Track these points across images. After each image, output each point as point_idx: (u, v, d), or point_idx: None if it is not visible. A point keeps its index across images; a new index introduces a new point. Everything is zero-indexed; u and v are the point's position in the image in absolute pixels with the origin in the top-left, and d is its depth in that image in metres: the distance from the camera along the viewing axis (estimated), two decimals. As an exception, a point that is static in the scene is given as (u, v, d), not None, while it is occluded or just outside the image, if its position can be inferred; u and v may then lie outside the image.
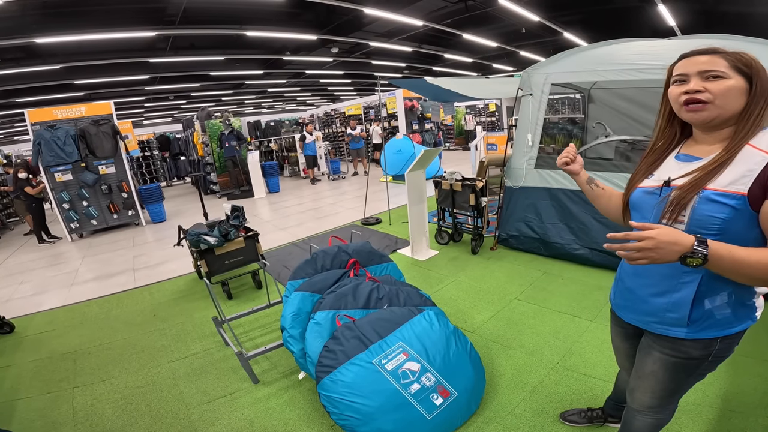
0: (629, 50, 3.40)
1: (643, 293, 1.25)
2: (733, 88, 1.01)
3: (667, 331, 1.20)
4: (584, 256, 3.76)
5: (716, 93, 1.02)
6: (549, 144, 4.97)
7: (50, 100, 12.67)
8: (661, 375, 1.28)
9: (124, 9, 7.40)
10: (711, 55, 1.04)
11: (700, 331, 1.15)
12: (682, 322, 1.15)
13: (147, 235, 7.09)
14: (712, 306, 1.12)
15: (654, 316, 1.23)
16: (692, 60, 1.07)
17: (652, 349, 1.28)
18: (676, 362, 1.23)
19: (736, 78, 1.01)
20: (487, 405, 2.17)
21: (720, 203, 1.01)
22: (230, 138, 9.79)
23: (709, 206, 1.02)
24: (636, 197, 1.24)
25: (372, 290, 2.42)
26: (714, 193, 1.02)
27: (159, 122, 24.60)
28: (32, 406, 2.55)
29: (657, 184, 1.17)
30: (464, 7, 9.34)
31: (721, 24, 9.50)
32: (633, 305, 1.31)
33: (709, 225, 1.03)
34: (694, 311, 1.13)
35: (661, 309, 1.20)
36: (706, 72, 1.03)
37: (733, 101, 1.02)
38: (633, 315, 1.32)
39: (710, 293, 1.11)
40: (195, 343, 3.11)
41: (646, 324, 1.27)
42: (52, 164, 6.81)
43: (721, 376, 2.21)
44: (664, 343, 1.23)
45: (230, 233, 3.75)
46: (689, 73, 1.06)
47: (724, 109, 1.03)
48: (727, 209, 1.00)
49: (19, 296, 4.63)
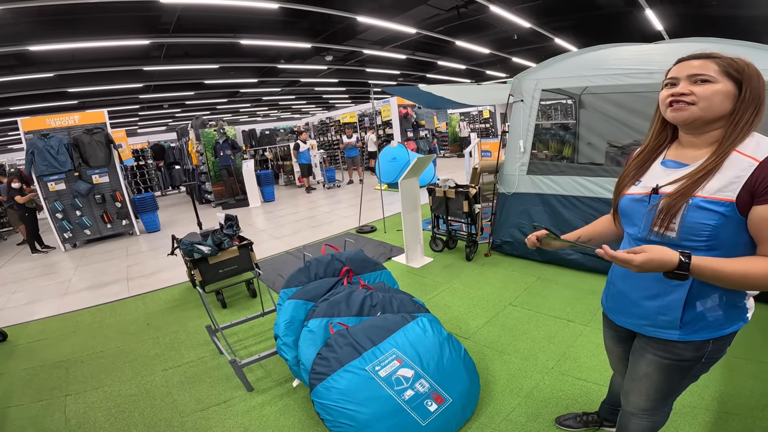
0: (618, 55, 3.45)
1: (634, 296, 1.26)
2: (718, 92, 1.03)
3: (660, 334, 1.21)
4: (578, 261, 3.79)
5: (700, 96, 1.04)
6: (541, 150, 5.01)
7: (44, 109, 12.62)
8: (655, 377, 1.29)
9: (119, 17, 7.41)
10: (704, 59, 1.06)
11: (692, 333, 1.16)
12: (675, 324, 1.17)
13: (141, 244, 7.05)
14: (704, 308, 1.13)
15: (646, 319, 1.24)
16: (685, 64, 1.09)
17: (645, 351, 1.29)
18: (669, 364, 1.24)
19: (724, 83, 1.03)
20: (482, 411, 2.16)
21: (709, 210, 1.03)
22: (225, 147, 9.79)
23: (699, 213, 1.04)
24: (624, 204, 1.26)
25: (365, 298, 2.42)
26: (703, 200, 1.03)
27: (153, 131, 24.55)
28: (24, 413, 2.53)
29: (645, 192, 1.19)
30: (456, 15, 9.43)
31: (708, 27, 9.66)
32: (625, 308, 1.32)
33: (699, 232, 1.05)
34: (686, 314, 1.15)
35: (653, 312, 1.21)
36: (695, 76, 1.05)
37: (717, 105, 1.04)
38: (625, 318, 1.33)
39: (701, 296, 1.13)
40: (189, 351, 3.09)
41: (639, 327, 1.28)
42: (45, 173, 6.76)
43: (716, 378, 2.22)
44: (657, 346, 1.24)
45: (224, 242, 3.75)
46: (679, 76, 1.09)
47: (706, 111, 1.05)
48: (717, 216, 1.02)
49: (12, 305, 4.59)
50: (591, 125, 4.26)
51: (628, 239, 1.27)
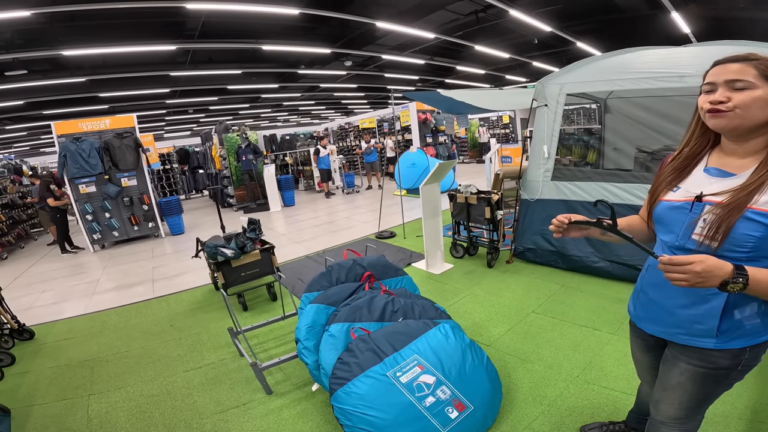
0: (645, 58, 3.37)
1: (668, 305, 1.22)
2: (759, 99, 0.98)
3: (696, 342, 1.18)
4: (604, 269, 3.68)
5: (739, 104, 1.00)
6: (565, 155, 4.92)
7: (76, 113, 13.10)
8: (689, 386, 1.25)
9: (147, 23, 7.69)
10: (742, 63, 1.01)
11: (728, 341, 1.12)
12: (711, 333, 1.13)
13: (166, 246, 7.22)
14: (742, 316, 1.10)
15: (681, 328, 1.20)
16: (723, 68, 1.04)
17: (678, 360, 1.25)
18: (705, 373, 1.20)
19: (765, 88, 0.98)
20: (504, 419, 2.12)
21: (756, 222, 0.99)
22: (247, 151, 9.96)
23: (746, 225, 1.00)
24: (661, 212, 1.21)
25: (387, 303, 2.41)
26: (751, 212, 0.99)
27: (179, 135, 25.22)
28: (47, 412, 2.59)
29: (686, 199, 1.14)
30: (475, 19, 9.41)
31: (737, 30, 9.36)
32: (657, 317, 1.28)
33: (743, 243, 1.01)
34: (724, 322, 1.11)
35: (688, 320, 1.17)
36: (734, 81, 1.01)
37: (758, 112, 0.99)
38: (657, 327, 1.29)
39: (740, 304, 1.09)
40: (210, 353, 3.13)
41: (672, 335, 1.24)
42: (76, 176, 7.02)
43: (749, 386, 2.14)
44: (692, 354, 1.20)
45: (247, 246, 3.79)
46: (717, 82, 1.05)
47: (745, 119, 1.00)
48: (762, 228, 0.99)
49: (41, 304, 4.75)
50: (618, 130, 4.16)
51: (662, 246, 1.23)
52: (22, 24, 6.64)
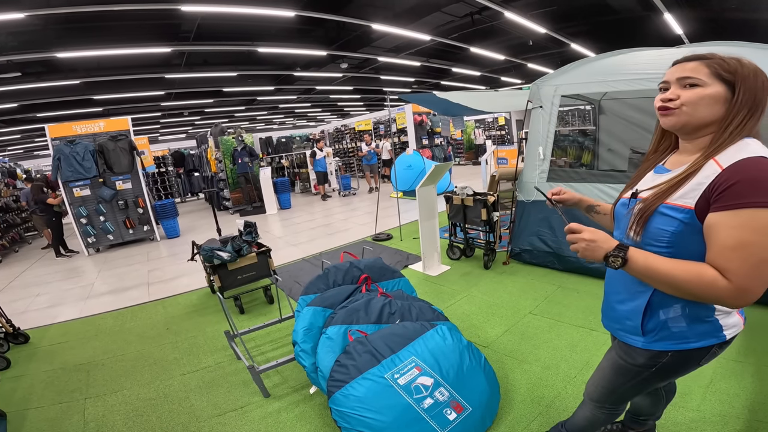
0: (638, 59, 3.39)
1: (611, 300, 1.30)
2: (706, 96, 0.99)
3: (627, 339, 1.23)
4: (601, 270, 3.70)
5: (686, 101, 1.01)
6: (560, 157, 4.94)
7: (70, 116, 13.03)
8: (608, 372, 1.36)
9: (142, 25, 7.66)
10: (698, 61, 1.02)
11: (653, 342, 1.16)
12: (638, 330, 1.17)
13: (161, 250, 7.18)
14: (667, 317, 1.12)
15: (618, 323, 1.27)
16: (678, 67, 1.06)
17: (613, 349, 1.35)
18: (621, 364, 1.28)
19: (714, 86, 0.99)
20: (502, 420, 2.12)
21: (669, 216, 1.01)
22: (243, 154, 9.94)
23: (659, 219, 1.03)
24: (615, 209, 1.29)
25: (384, 305, 2.41)
26: (664, 207, 1.02)
27: (174, 138, 25.12)
28: (43, 416, 2.57)
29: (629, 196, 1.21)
30: (471, 21, 9.45)
31: (729, 31, 9.46)
32: (605, 312, 1.36)
33: (659, 237, 1.05)
34: (650, 321, 1.15)
35: (623, 316, 1.23)
36: (685, 79, 1.02)
37: (705, 109, 1.00)
38: (606, 321, 1.37)
39: (663, 304, 1.11)
40: (207, 356, 3.12)
41: (614, 330, 1.31)
42: (71, 179, 6.97)
43: (747, 387, 2.15)
44: (622, 347, 1.27)
45: (243, 249, 3.78)
46: (670, 80, 1.06)
47: (692, 116, 1.01)
48: (676, 222, 1.00)
49: (35, 308, 4.71)
50: (612, 131, 4.18)
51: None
52: (16, 26, 6.60)
